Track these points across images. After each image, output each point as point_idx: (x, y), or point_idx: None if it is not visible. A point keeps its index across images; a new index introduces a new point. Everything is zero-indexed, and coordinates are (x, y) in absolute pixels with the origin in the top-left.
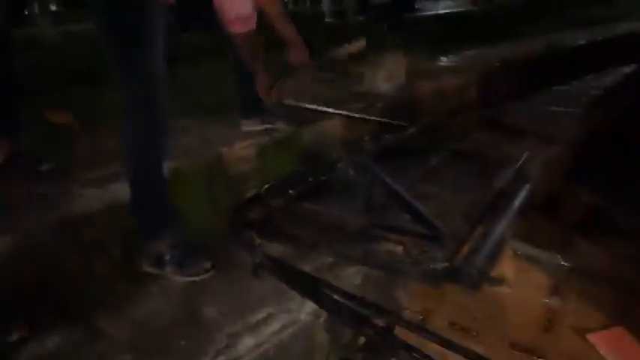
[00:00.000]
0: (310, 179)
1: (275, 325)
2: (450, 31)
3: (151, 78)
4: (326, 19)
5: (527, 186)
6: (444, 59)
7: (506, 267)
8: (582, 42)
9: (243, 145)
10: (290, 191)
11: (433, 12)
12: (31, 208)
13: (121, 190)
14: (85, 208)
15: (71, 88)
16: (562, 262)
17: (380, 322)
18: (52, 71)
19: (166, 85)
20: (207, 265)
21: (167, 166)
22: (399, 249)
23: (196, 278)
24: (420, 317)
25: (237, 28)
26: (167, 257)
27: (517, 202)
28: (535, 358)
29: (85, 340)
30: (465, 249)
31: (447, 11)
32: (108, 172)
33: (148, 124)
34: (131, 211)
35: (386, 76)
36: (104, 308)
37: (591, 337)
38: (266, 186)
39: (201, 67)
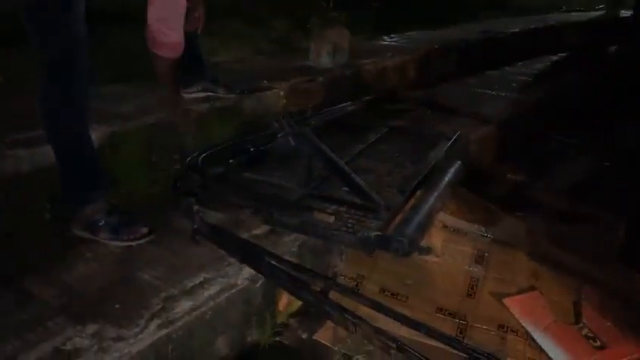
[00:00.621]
0: (251, 148)
1: (212, 290)
2: (393, 12)
3: (71, 43)
4: None
5: (459, 163)
6: (386, 38)
7: (435, 237)
8: (516, 30)
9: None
10: (230, 160)
11: None
12: None
13: (52, 152)
14: (13, 170)
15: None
16: (486, 234)
17: (316, 287)
18: None
19: (87, 48)
20: (144, 230)
21: (103, 132)
22: (335, 218)
23: (132, 243)
24: (354, 283)
25: (164, 53)
26: (101, 223)
27: (448, 178)
28: (457, 321)
29: (15, 305)
30: (398, 219)
31: None
32: (38, 132)
33: (68, 89)
34: (60, 176)
35: (330, 52)
36: (35, 272)
37: (506, 301)
38: (205, 154)
39: (141, 30)
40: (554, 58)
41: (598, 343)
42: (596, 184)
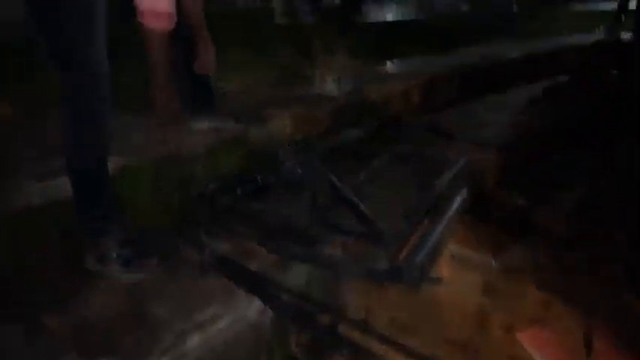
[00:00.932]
0: (258, 178)
1: (222, 323)
2: (396, 38)
3: (91, 68)
4: (275, 20)
5: (464, 190)
6: (390, 64)
7: (444, 267)
8: (518, 53)
9: (192, 143)
10: (238, 190)
11: (381, 19)
12: None
13: (65, 184)
14: (26, 203)
15: (10, 75)
16: (494, 263)
17: (324, 320)
18: None
19: (108, 74)
20: (155, 261)
21: (114, 163)
22: (343, 248)
23: (143, 276)
24: (363, 315)
25: (149, 22)
26: (113, 255)
27: (454, 205)
28: (468, 354)
29: (27, 338)
30: (407, 249)
31: (394, 20)
32: (50, 164)
33: (88, 116)
34: (74, 208)
35: (334, 79)
36: (47, 305)
37: (517, 334)
38: (214, 185)
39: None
40: (556, 80)
41: None
42: (598, 205)
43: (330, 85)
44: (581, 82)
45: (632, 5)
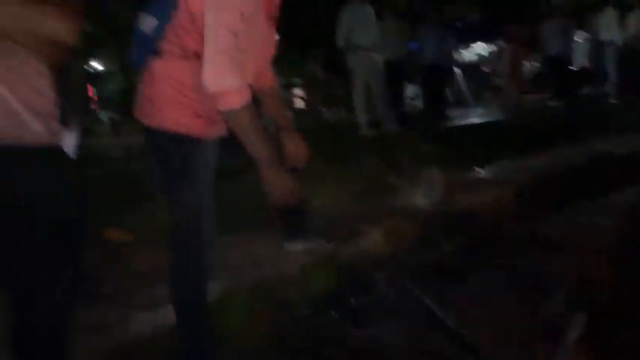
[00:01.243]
0: (351, 300)
1: None
2: (483, 141)
3: (197, 210)
4: (360, 131)
5: (583, 315)
6: (479, 171)
7: None
8: (622, 151)
9: (284, 264)
10: (332, 313)
11: (467, 122)
12: (86, 335)
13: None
14: (136, 334)
15: (134, 204)
16: None
17: None
18: (115, 186)
19: (213, 215)
20: None
21: (211, 286)
22: None
23: None
24: None
25: (226, 103)
26: None
27: (572, 330)
28: None
29: None
30: None
31: (480, 121)
32: (162, 293)
33: (191, 251)
34: (177, 337)
35: (423, 190)
36: None
37: None
38: (307, 308)
39: (244, 179)
40: None
41: None
42: None
43: (417, 196)
44: None
45: None
